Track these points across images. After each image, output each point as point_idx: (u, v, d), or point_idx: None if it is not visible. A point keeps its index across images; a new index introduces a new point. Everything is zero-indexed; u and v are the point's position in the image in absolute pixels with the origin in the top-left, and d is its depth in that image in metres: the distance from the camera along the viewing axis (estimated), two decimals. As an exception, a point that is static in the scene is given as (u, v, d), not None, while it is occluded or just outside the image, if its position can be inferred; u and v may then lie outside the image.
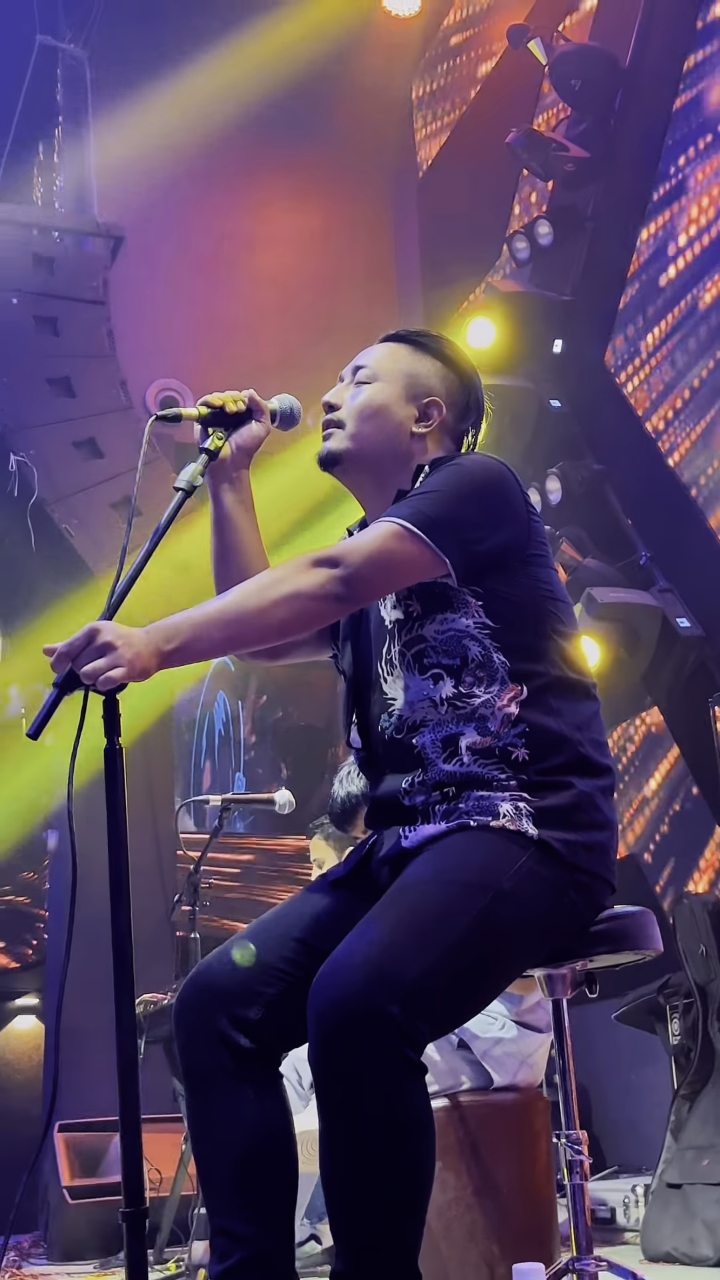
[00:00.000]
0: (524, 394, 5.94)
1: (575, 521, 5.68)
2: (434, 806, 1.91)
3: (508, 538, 1.98)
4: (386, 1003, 1.62)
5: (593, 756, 1.96)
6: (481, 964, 1.77)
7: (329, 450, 2.12)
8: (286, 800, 3.57)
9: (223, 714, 7.67)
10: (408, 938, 1.69)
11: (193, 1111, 1.87)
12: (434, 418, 2.12)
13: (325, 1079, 1.65)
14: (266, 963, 1.89)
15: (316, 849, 3.82)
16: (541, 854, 1.84)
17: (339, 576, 1.86)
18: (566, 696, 1.98)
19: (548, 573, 2.04)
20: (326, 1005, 1.64)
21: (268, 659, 2.22)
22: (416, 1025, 1.65)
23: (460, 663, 1.95)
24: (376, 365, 2.16)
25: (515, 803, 1.87)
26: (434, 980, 1.68)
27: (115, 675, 1.71)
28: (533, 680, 1.95)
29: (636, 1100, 5.14)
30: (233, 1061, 1.84)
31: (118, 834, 1.72)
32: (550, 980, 2.02)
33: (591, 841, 1.90)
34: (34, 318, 6.27)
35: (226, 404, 2.13)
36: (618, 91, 5.90)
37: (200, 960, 2.00)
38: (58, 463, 6.13)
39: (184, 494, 2.00)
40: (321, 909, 1.96)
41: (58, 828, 7.14)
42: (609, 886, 1.95)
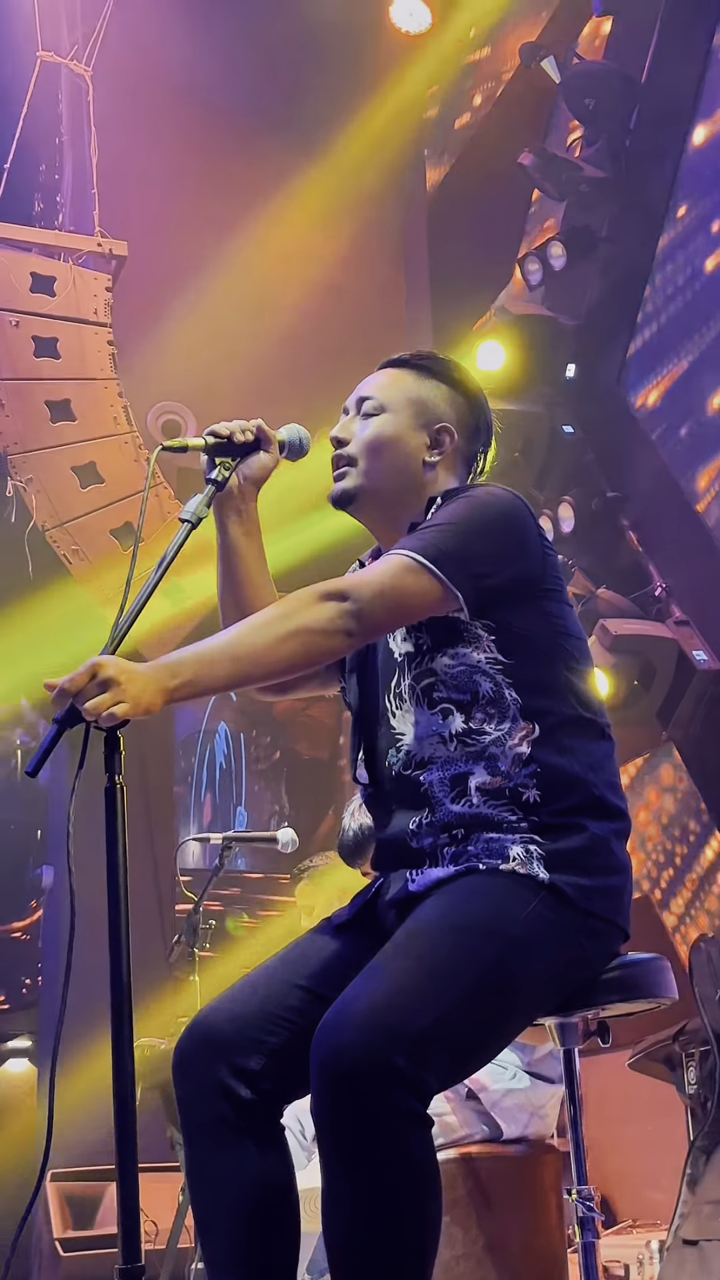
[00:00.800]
0: (536, 419, 5.97)
1: (588, 551, 5.69)
2: (442, 849, 1.92)
3: (521, 571, 1.99)
4: (392, 1054, 1.62)
5: (607, 798, 1.96)
6: (490, 1013, 1.77)
7: (343, 490, 2.13)
8: (290, 839, 3.57)
9: (224, 746, 7.67)
10: (414, 986, 1.69)
11: (192, 1164, 1.87)
12: (446, 444, 2.13)
13: (329, 1131, 1.65)
14: (269, 1010, 1.89)
15: (304, 894, 3.79)
16: (553, 899, 1.85)
17: (348, 611, 1.86)
18: (580, 736, 1.98)
19: (562, 608, 2.05)
20: (330, 1056, 1.64)
21: (273, 695, 2.22)
22: (423, 1077, 1.65)
23: (471, 698, 1.96)
24: (382, 395, 2.17)
25: (526, 845, 1.88)
26: (441, 1030, 1.68)
27: (118, 712, 1.72)
28: (545, 718, 1.96)
29: (651, 1152, 5.11)
30: (233, 1113, 1.84)
31: (116, 873, 1.73)
32: (561, 1029, 2.02)
33: (605, 886, 1.90)
34: (34, 339, 6.31)
35: (234, 434, 2.14)
36: (633, 111, 5.95)
37: (200, 1007, 2.00)
38: (57, 488, 6.16)
39: (190, 525, 2.01)
40: (326, 954, 1.96)
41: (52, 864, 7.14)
42: (622, 933, 1.95)
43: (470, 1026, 1.75)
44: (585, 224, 6.08)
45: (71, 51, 6.91)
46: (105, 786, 1.76)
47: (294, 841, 3.58)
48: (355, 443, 2.14)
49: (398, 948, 1.78)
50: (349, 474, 2.13)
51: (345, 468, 2.14)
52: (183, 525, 2.02)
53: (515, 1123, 2.94)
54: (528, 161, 5.99)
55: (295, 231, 7.36)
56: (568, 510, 5.72)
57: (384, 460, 2.11)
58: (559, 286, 6.13)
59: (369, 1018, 1.65)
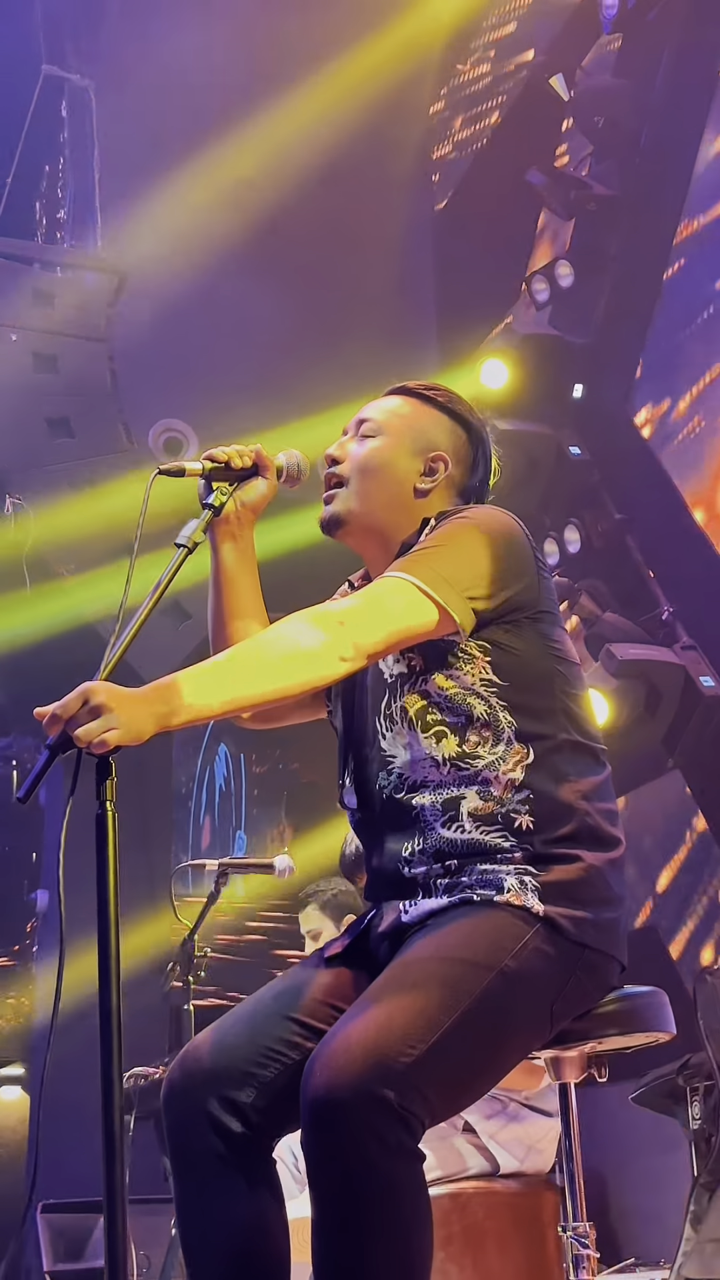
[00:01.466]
0: (542, 440, 5.99)
1: (594, 573, 5.71)
2: (436, 879, 1.93)
3: (516, 594, 2.01)
4: (382, 1087, 1.64)
5: (602, 827, 1.98)
6: (483, 1047, 1.79)
7: (332, 514, 2.15)
8: (286, 865, 3.59)
9: (224, 768, 7.68)
10: (405, 1019, 1.70)
11: (181, 1198, 1.88)
12: (440, 473, 2.16)
13: (318, 1166, 1.67)
14: (260, 1043, 1.90)
15: (309, 920, 3.80)
16: (547, 931, 1.86)
17: (344, 636, 1.87)
18: (575, 762, 2.00)
19: (557, 631, 2.07)
20: (319, 1089, 1.65)
21: (263, 723, 2.24)
22: (413, 1110, 1.66)
23: (465, 721, 1.97)
24: (381, 419, 2.20)
25: (520, 876, 1.89)
26: (432, 1064, 1.69)
27: (109, 739, 1.73)
28: (540, 743, 1.98)
29: (655, 1188, 5.10)
30: (223, 1146, 1.85)
31: (106, 902, 1.75)
32: (557, 1063, 2.03)
33: (600, 918, 1.92)
34: (33, 355, 6.36)
35: (232, 459, 2.15)
36: (642, 129, 5.99)
37: (192, 1037, 2.01)
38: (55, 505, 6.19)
39: (185, 551, 2.03)
40: (319, 986, 1.97)
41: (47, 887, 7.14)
42: (618, 965, 1.96)
43: (462, 1060, 1.76)
44: (594, 242, 6.11)
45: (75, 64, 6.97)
46: (96, 813, 1.78)
47: (290, 868, 3.59)
48: (349, 462, 2.17)
49: (390, 980, 1.79)
50: (339, 496, 2.16)
51: (335, 489, 2.16)
52: (178, 550, 2.04)
53: (512, 1157, 2.95)
54: (535, 179, 6.03)
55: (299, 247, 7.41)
56: (574, 532, 5.74)
57: (375, 482, 2.14)
58: (567, 306, 6.16)
59: (359, 1051, 1.66)
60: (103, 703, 1.74)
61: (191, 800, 7.55)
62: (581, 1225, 1.95)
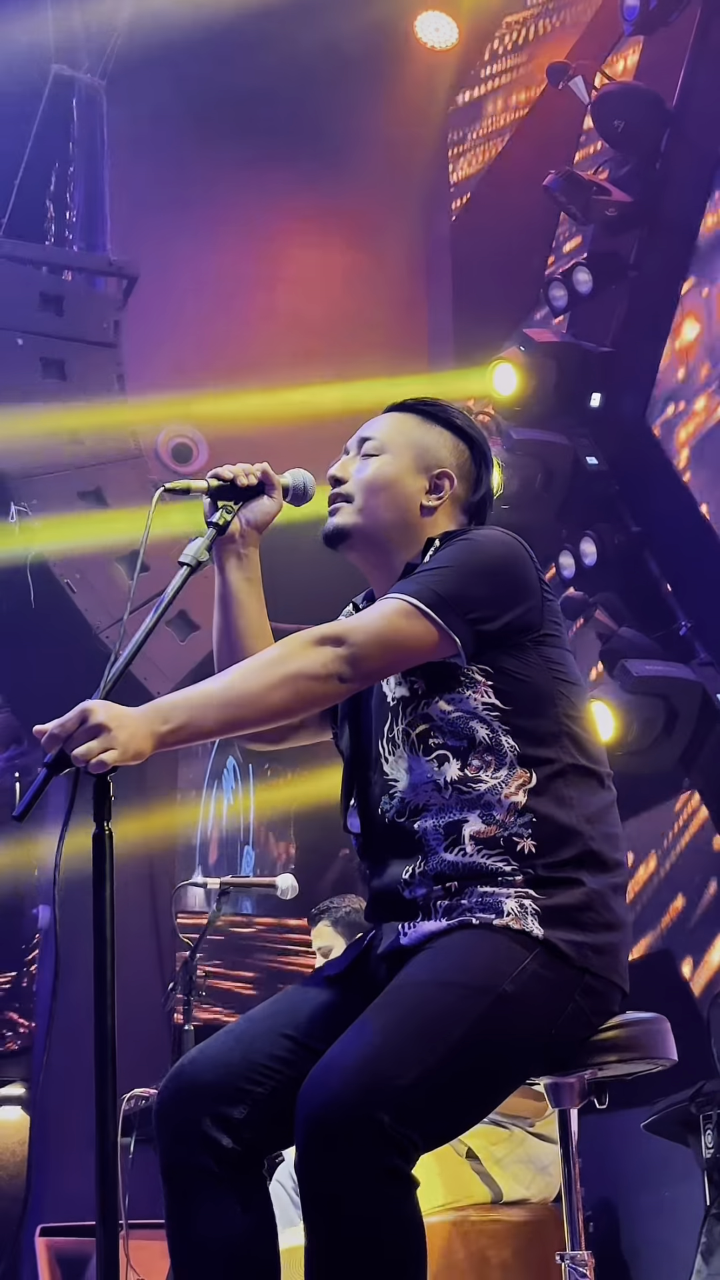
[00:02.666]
0: (558, 450, 6.02)
1: (611, 587, 5.74)
2: (435, 901, 1.97)
3: (520, 617, 2.05)
4: (377, 1110, 1.67)
5: (604, 851, 2.02)
6: (480, 1071, 1.83)
7: (336, 526, 2.20)
8: (289, 885, 3.63)
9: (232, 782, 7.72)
10: (402, 1041, 1.74)
11: (172, 1217, 1.92)
12: (444, 490, 2.20)
13: (311, 1189, 1.71)
14: (255, 1060, 1.94)
15: (320, 936, 3.85)
16: (547, 956, 1.90)
17: (343, 656, 1.93)
18: (578, 786, 2.04)
19: (561, 654, 2.12)
20: (313, 1111, 1.69)
21: (267, 744, 2.29)
22: (409, 1135, 1.70)
23: (467, 745, 2.02)
24: (384, 437, 2.24)
25: (521, 900, 1.93)
26: (429, 1087, 1.73)
27: (108, 759, 1.77)
28: (543, 767, 2.02)
29: (666, 1219, 5.12)
30: (215, 1164, 1.89)
31: (103, 923, 1.79)
32: (556, 1089, 2.07)
33: (601, 943, 1.95)
34: (40, 360, 6.40)
35: (238, 477, 2.20)
36: (663, 134, 6.03)
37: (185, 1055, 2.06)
38: (61, 513, 6.24)
39: (189, 569, 2.08)
40: (316, 1005, 2.02)
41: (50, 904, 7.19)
42: (620, 991, 2.00)
43: (459, 1085, 1.80)
44: (613, 249, 6.15)
45: (86, 64, 7.04)
46: (94, 834, 1.83)
47: (294, 888, 3.63)
48: (353, 482, 2.22)
49: (387, 1003, 1.84)
50: (343, 509, 2.20)
51: (340, 504, 2.21)
52: (181, 568, 2.09)
53: (517, 1184, 2.98)
54: (553, 183, 6.07)
55: (314, 251, 7.47)
56: (590, 545, 5.77)
57: (380, 500, 2.19)
58: (585, 313, 6.20)
59: (355, 1073, 1.70)
60: (101, 722, 1.79)
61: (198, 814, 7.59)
62: (580, 1254, 1.99)
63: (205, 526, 2.18)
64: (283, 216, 7.37)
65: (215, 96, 7.16)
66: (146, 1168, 4.66)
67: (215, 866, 7.50)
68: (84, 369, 6.45)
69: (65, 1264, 5.05)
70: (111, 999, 1.76)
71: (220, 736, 1.96)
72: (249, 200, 7.32)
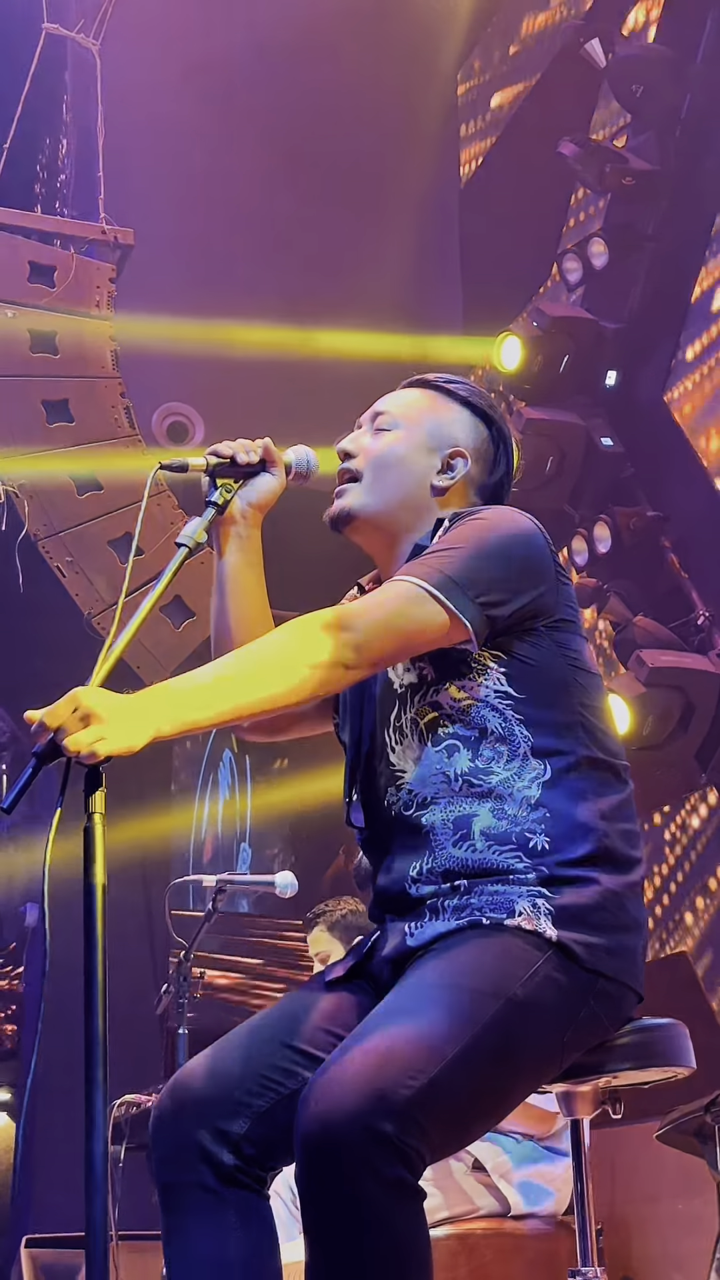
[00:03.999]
0: (572, 430, 6.01)
1: (625, 574, 5.73)
2: (443, 900, 1.96)
3: (533, 601, 2.03)
4: (380, 1120, 1.66)
5: (620, 849, 2.00)
6: (489, 1079, 1.81)
7: (341, 509, 2.18)
8: (288, 883, 3.62)
9: (228, 776, 7.71)
10: (406, 1048, 1.72)
11: (168, 1234, 1.90)
12: (458, 470, 2.18)
13: (312, 1203, 1.69)
14: (255, 1071, 1.92)
15: (316, 942, 3.83)
16: (560, 958, 1.88)
17: (348, 642, 1.90)
18: (594, 779, 2.02)
19: (576, 640, 2.09)
20: (315, 1122, 1.68)
21: (265, 735, 2.27)
22: (413, 1145, 1.68)
23: (478, 734, 2.00)
24: (398, 412, 2.23)
25: (533, 899, 1.91)
26: (434, 1096, 1.71)
27: (99, 750, 1.75)
28: (557, 759, 2.00)
29: (681, 1233, 5.12)
30: (214, 1179, 1.87)
31: (92, 920, 1.78)
32: (569, 1098, 2.06)
33: (616, 945, 1.94)
34: (30, 333, 6.39)
35: (237, 454, 2.17)
36: (684, 99, 6.01)
37: (186, 1062, 2.04)
38: (51, 494, 6.23)
39: (186, 550, 2.06)
40: (318, 1012, 2.00)
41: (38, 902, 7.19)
42: (635, 995, 1.98)
43: (467, 1093, 1.78)
44: (630, 220, 6.13)
45: (79, 24, 7.00)
46: (84, 826, 1.81)
47: (293, 885, 3.62)
48: (362, 456, 2.20)
49: (392, 1007, 1.82)
50: (350, 491, 2.18)
51: (348, 483, 2.19)
52: (179, 550, 2.06)
53: (525, 1197, 2.97)
54: (568, 151, 6.05)
55: (316, 219, 7.44)
56: (604, 530, 5.76)
57: (389, 477, 2.17)
58: (600, 287, 6.18)
59: (357, 1081, 1.69)
60: (93, 711, 1.77)
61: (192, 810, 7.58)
62: (592, 1270, 1.98)
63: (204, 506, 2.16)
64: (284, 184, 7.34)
65: (213, 57, 7.13)
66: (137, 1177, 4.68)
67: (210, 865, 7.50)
68: (76, 343, 6.43)
69: (52, 1276, 5.06)
70: (102, 1000, 1.74)
71: (218, 726, 1.94)
72: (248, 167, 7.29)
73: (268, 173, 7.28)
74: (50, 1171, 5.53)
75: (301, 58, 7.25)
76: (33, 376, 6.34)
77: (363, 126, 7.40)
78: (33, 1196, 5.85)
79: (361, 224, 7.43)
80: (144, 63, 7.00)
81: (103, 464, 6.32)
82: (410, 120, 7.67)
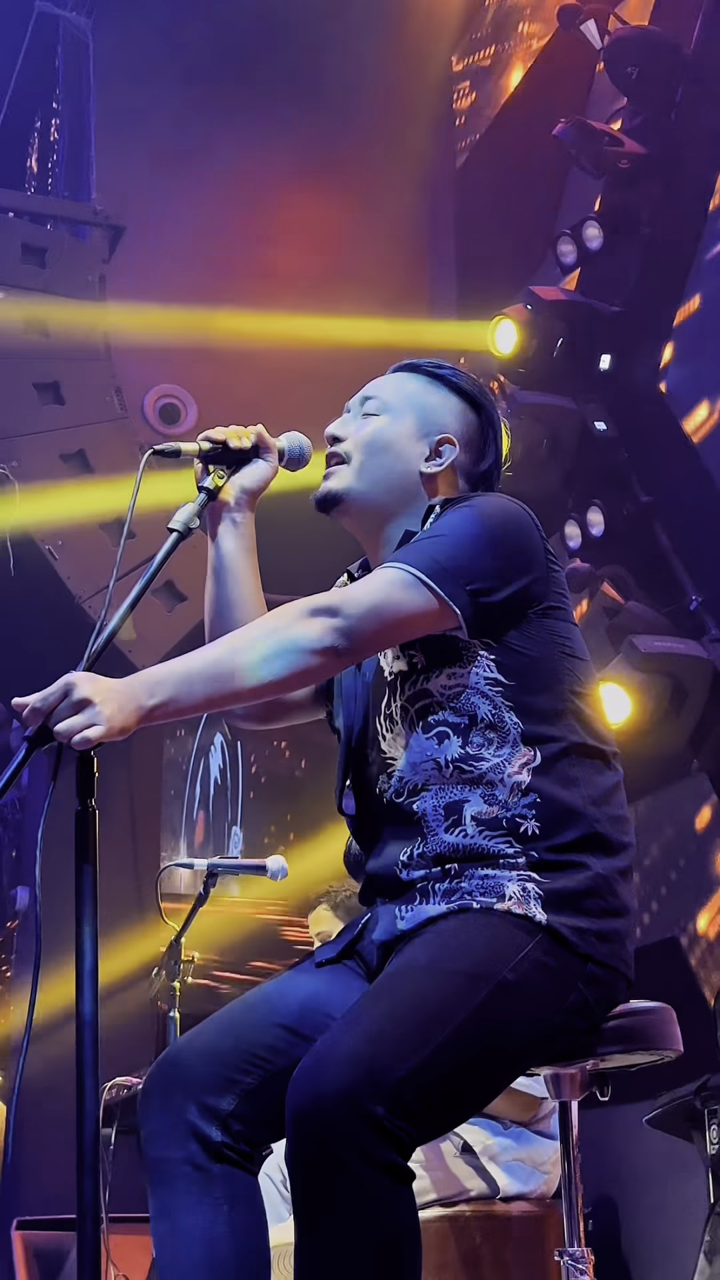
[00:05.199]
0: (565, 415, 6.01)
1: (618, 560, 5.74)
2: (434, 884, 1.98)
3: (524, 588, 2.05)
4: (370, 1102, 1.69)
5: (610, 834, 2.03)
6: (478, 1062, 1.84)
7: (328, 490, 2.20)
8: (279, 867, 3.64)
9: (220, 759, 7.73)
10: (396, 1031, 1.75)
11: (156, 1212, 1.93)
12: (446, 457, 2.20)
13: (301, 1183, 1.72)
14: (245, 1049, 1.95)
15: (318, 920, 3.86)
16: (550, 942, 1.91)
17: (337, 628, 1.93)
18: (584, 765, 2.05)
19: (567, 627, 2.12)
20: (304, 1102, 1.71)
21: (257, 722, 2.29)
22: (403, 1127, 1.71)
23: (468, 721, 2.02)
24: (386, 397, 2.24)
25: (523, 883, 1.94)
26: (424, 1078, 1.74)
27: (92, 735, 1.78)
28: (547, 745, 2.02)
29: (669, 1217, 5.16)
30: (202, 1156, 1.90)
31: (85, 904, 1.80)
32: (557, 1080, 2.09)
33: (606, 929, 1.97)
34: (21, 315, 6.38)
35: (230, 440, 2.20)
36: (680, 82, 6.00)
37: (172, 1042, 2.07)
38: (43, 477, 6.24)
39: (178, 535, 2.08)
40: (308, 992, 2.03)
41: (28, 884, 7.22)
42: (624, 979, 2.01)
43: (456, 1075, 1.81)
44: (625, 203, 6.13)
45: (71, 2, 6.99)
46: (76, 812, 1.83)
47: (284, 870, 3.64)
48: (350, 440, 2.22)
49: (382, 990, 1.85)
50: (337, 473, 2.20)
51: (336, 466, 2.21)
52: (171, 535, 2.08)
53: (514, 1179, 3.01)
54: (562, 133, 6.04)
55: (310, 201, 7.43)
56: (597, 515, 5.77)
57: (377, 462, 2.19)
58: (595, 270, 6.18)
59: (347, 1063, 1.71)
60: (86, 696, 1.80)
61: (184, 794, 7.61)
62: (578, 1250, 2.01)
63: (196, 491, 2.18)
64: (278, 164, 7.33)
65: (207, 37, 7.12)
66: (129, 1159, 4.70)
67: (201, 848, 7.53)
68: (67, 324, 6.43)
69: (43, 1259, 5.09)
70: (94, 984, 1.77)
71: (208, 711, 1.96)
72: (242, 148, 7.27)
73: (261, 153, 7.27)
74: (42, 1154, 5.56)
75: (295, 37, 7.23)
76: (24, 359, 6.33)
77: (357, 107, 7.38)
78: (24, 1179, 5.89)
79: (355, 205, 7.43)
80: (137, 41, 6.99)
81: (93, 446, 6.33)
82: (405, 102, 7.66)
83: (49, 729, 1.81)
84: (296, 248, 7.31)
